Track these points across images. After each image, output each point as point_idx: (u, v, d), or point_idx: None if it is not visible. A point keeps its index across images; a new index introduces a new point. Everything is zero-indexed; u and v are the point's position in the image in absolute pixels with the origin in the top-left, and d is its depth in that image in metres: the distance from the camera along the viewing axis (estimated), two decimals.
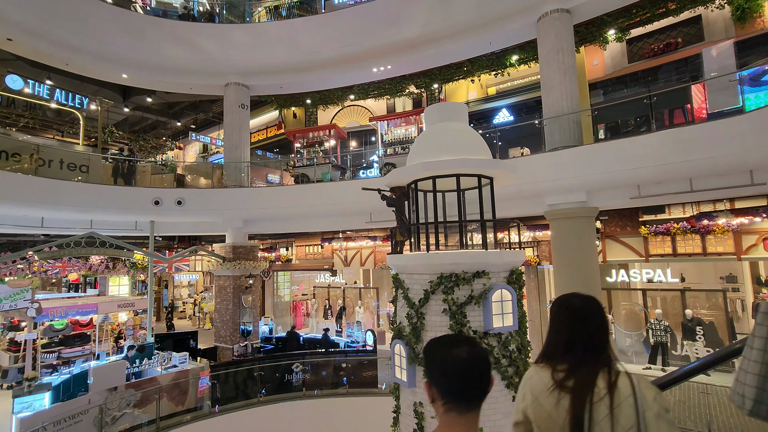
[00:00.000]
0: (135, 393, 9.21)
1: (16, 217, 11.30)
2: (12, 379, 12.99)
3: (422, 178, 6.21)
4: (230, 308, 13.32)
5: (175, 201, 12.95)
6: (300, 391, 11.20)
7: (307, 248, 18.48)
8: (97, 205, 12.02)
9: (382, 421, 11.18)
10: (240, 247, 13.68)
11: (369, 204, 12.28)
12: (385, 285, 19.78)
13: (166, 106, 18.59)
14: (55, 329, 14.20)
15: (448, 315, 5.56)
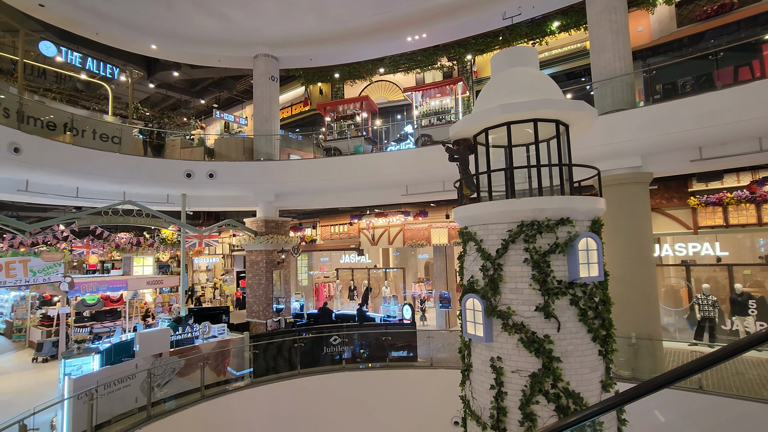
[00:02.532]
0: (179, 360, 9.08)
1: (52, 186, 11.15)
2: (47, 353, 12.98)
3: (494, 126, 5.89)
4: (263, 283, 13.15)
5: (206, 174, 12.76)
6: (339, 364, 11.03)
7: (333, 228, 18.26)
8: (130, 176, 11.85)
9: (421, 393, 11.02)
10: (272, 221, 13.48)
11: (405, 176, 12.03)
12: (410, 267, 19.58)
13: (189, 84, 18.35)
14: (87, 304, 14.16)
15: (530, 264, 5.28)
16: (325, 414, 10.67)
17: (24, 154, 9.94)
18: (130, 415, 8.19)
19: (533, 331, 5.21)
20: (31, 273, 12.78)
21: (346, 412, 10.82)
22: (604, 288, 5.55)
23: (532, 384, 5.17)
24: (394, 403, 10.82)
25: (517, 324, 5.30)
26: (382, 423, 10.88)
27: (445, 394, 10.70)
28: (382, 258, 20.00)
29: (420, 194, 12.18)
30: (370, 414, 10.87)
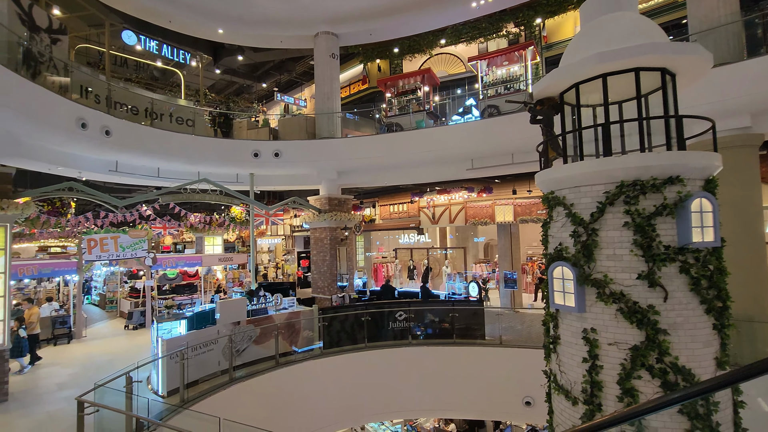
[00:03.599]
0: (254, 328, 9.50)
1: (137, 167, 12.00)
2: (136, 321, 14.18)
3: (587, 80, 5.36)
4: (327, 259, 13.41)
5: (272, 153, 13.11)
6: (405, 339, 11.03)
7: (392, 207, 18.21)
8: (203, 156, 12.45)
9: (490, 371, 10.75)
10: (335, 199, 13.64)
11: (470, 149, 11.58)
12: (470, 247, 19.09)
13: (251, 69, 18.95)
14: (168, 278, 15.30)
15: (631, 228, 4.78)
16: (391, 386, 10.76)
17: (114, 136, 10.71)
18: (213, 377, 8.73)
19: (635, 301, 4.75)
20: (121, 248, 13.99)
21: (413, 385, 10.84)
22: (720, 255, 4.93)
23: (633, 358, 4.74)
24: (461, 380, 10.67)
25: (616, 293, 4.86)
26: (449, 398, 10.79)
27: (516, 373, 10.39)
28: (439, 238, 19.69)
29: (486, 168, 11.70)
30: (436, 388, 10.81)
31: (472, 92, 13.13)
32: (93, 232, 13.44)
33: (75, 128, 9.61)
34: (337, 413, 10.42)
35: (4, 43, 8.46)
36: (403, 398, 10.91)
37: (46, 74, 9.93)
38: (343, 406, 10.52)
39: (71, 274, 13.56)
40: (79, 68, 10.82)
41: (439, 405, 11.11)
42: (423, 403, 11.07)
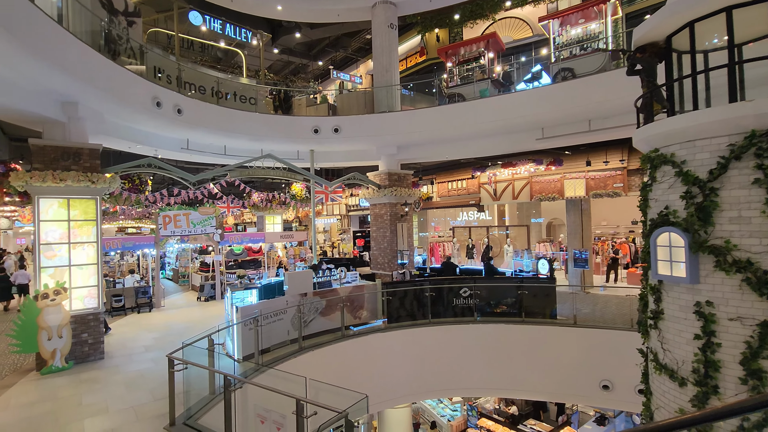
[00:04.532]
0: (320, 300, 9.61)
1: (205, 145, 12.46)
2: (207, 293, 14.98)
3: (705, 16, 4.60)
4: (387, 235, 13.29)
5: (332, 128, 13.07)
6: (470, 316, 10.71)
7: (451, 184, 17.70)
8: (265, 133, 12.67)
9: (562, 351, 10.18)
10: (394, 174, 13.42)
11: (541, 116, 10.79)
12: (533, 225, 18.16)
13: (307, 48, 19.02)
14: (234, 253, 15.99)
15: (764, 186, 4.09)
16: (455, 363, 10.53)
17: (184, 114, 11.12)
18: (282, 346, 8.96)
19: (765, 270, 4.09)
20: (192, 224, 14.74)
21: (477, 363, 10.54)
22: None
23: (761, 335, 4.11)
24: (529, 360, 10.21)
25: (741, 261, 4.22)
26: (516, 378, 10.38)
27: (592, 355, 9.75)
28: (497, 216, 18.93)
29: (558, 137, 10.88)
30: (502, 368, 10.44)
31: (540, 58, 12.17)
32: (167, 209, 14.26)
33: (151, 106, 10.05)
34: (400, 387, 10.39)
35: (88, 26, 8.92)
36: (467, 376, 10.65)
37: (123, 57, 10.45)
38: (405, 380, 10.47)
39: (149, 248, 14.53)
40: (152, 50, 11.30)
41: (504, 384, 10.73)
42: (487, 382, 10.75)
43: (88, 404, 6.41)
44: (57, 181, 8.06)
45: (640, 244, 16.49)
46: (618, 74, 9.41)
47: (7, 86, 7.08)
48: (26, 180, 7.84)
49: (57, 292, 8.03)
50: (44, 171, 7.99)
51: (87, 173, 8.41)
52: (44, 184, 7.99)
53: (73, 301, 8.40)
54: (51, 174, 8.01)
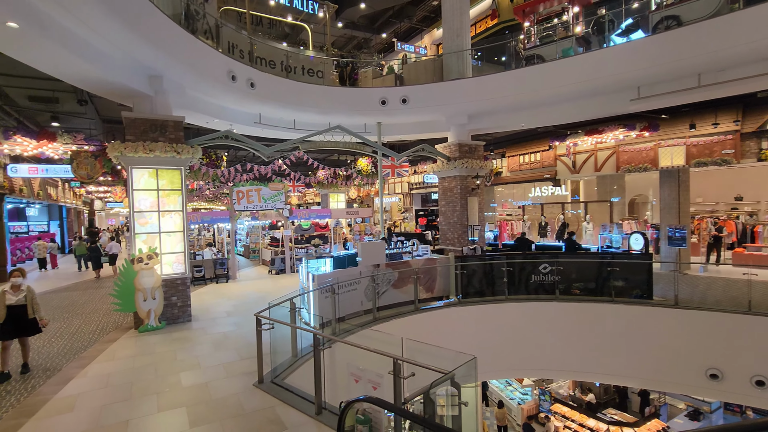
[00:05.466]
0: (393, 272, 9.40)
1: (276, 119, 12.62)
2: (277, 267, 15.45)
3: None
4: (457, 210, 12.76)
5: (399, 99, 12.64)
6: (550, 293, 9.98)
7: (523, 157, 16.63)
8: (333, 106, 12.55)
9: (660, 335, 9.14)
10: (465, 146, 12.77)
11: (638, 74, 9.57)
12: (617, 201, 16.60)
13: (370, 21, 18.65)
14: (303, 228, 16.32)
15: None
16: (534, 341, 9.92)
17: (257, 88, 11.25)
18: (356, 316, 8.90)
19: None
20: (263, 200, 15.17)
21: (557, 343, 9.84)
22: None
23: None
24: (620, 342, 9.34)
25: None
26: (603, 361, 9.57)
27: (697, 340, 8.67)
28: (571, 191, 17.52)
29: (659, 96, 9.61)
30: (587, 348, 9.66)
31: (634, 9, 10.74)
32: (240, 184, 14.79)
33: (226, 80, 10.25)
34: None
35: (169, 1, 9.18)
36: (546, 356, 10.00)
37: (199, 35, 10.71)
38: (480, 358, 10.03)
39: (225, 222, 15.22)
40: (226, 24, 11.51)
41: (589, 367, 9.95)
42: (569, 364, 10.02)
43: (182, 359, 6.72)
44: (147, 151, 8.47)
45: (747, 222, 14.46)
46: (741, 16, 8.02)
47: (106, 60, 7.46)
48: (121, 151, 8.31)
49: (150, 256, 8.52)
50: (135, 142, 8.43)
51: (172, 144, 8.77)
52: (136, 155, 8.43)
53: (163, 266, 8.90)
54: (141, 145, 8.43)
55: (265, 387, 5.55)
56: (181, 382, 5.82)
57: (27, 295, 6.33)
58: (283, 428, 4.52)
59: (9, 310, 6.13)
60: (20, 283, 6.34)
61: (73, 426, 4.70)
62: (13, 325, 6.17)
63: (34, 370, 6.51)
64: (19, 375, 6.22)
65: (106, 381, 5.94)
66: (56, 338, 8.22)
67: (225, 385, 5.71)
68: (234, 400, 5.23)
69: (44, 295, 12.97)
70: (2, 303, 6.13)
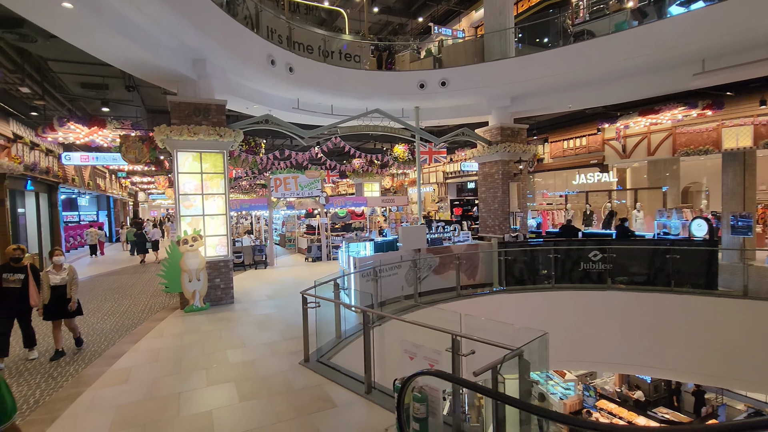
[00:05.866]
0: (434, 257, 9.14)
1: (314, 105, 12.56)
2: (314, 254, 15.51)
3: None
4: (498, 196, 12.30)
5: (438, 82, 12.29)
6: (601, 282, 9.44)
7: (566, 142, 15.87)
8: (370, 90, 12.36)
9: (725, 328, 8.47)
10: (507, 129, 12.27)
11: (703, 44, 8.78)
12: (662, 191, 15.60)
13: (406, 5, 18.26)
14: (339, 216, 16.30)
15: None
16: (583, 332, 9.42)
17: (296, 73, 11.21)
18: (397, 301, 8.72)
19: None
20: (300, 187, 15.21)
21: (611, 334, 9.30)
22: None
23: None
24: (680, 334, 8.71)
25: None
26: (659, 354, 8.96)
27: None
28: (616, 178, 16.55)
29: (727, 69, 8.80)
30: (642, 340, 9.08)
31: None
32: (278, 172, 14.90)
33: (266, 64, 10.24)
34: None
35: None
36: (594, 348, 9.48)
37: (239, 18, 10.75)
38: None
39: (263, 209, 15.40)
40: (266, 9, 11.51)
41: (642, 361, 9.36)
42: (620, 357, 9.47)
43: (227, 338, 6.77)
44: (191, 134, 8.58)
45: None
46: None
47: (154, 43, 7.56)
48: (167, 134, 8.46)
49: (194, 238, 8.66)
50: (180, 126, 8.56)
51: (215, 127, 8.85)
52: (181, 138, 8.56)
53: (206, 249, 9.03)
54: (186, 128, 8.55)
55: (311, 366, 5.46)
56: (228, 359, 5.83)
57: (68, 275, 6.25)
58: (333, 406, 4.40)
59: (53, 291, 6.09)
60: (62, 262, 6.26)
61: (128, 395, 4.77)
62: (58, 305, 6.13)
63: (90, 344, 6.73)
64: (75, 348, 6.47)
65: (156, 356, 6.05)
66: (109, 316, 8.53)
67: (271, 363, 5.67)
68: (281, 377, 5.17)
69: (96, 278, 13.59)
70: (47, 283, 6.09)
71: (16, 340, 6.25)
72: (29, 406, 4.64)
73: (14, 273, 5.83)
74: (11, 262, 5.89)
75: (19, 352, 6.33)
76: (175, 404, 4.53)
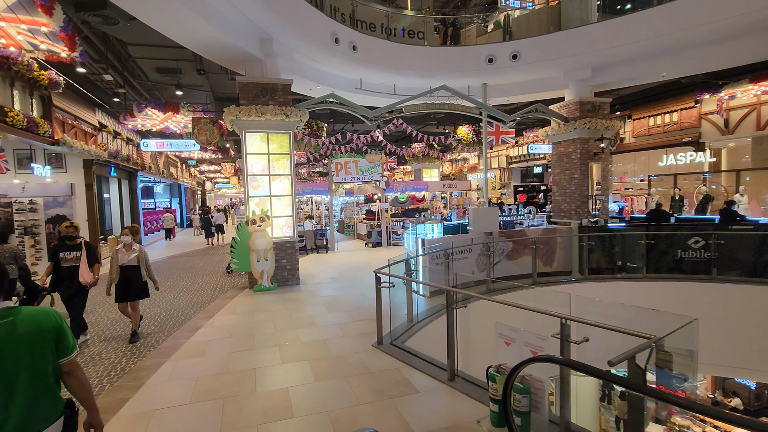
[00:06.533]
0: (507, 241, 8.49)
1: (376, 84, 12.22)
2: (374, 240, 15.30)
3: None
4: (576, 177, 11.26)
5: (509, 55, 11.43)
6: (704, 273, 8.27)
7: (653, 119, 14.23)
8: (434, 67, 11.79)
9: None
10: (587, 103, 11.14)
11: None
12: None
13: None
14: (399, 201, 15.95)
15: None
16: None
17: (359, 51, 10.91)
18: (466, 287, 8.20)
19: None
20: (360, 171, 15.02)
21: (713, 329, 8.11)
22: None
23: None
24: None
25: None
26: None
27: None
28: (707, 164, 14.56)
29: None
30: (752, 339, 7.83)
31: None
32: (339, 156, 14.81)
33: (330, 43, 10.03)
34: None
35: None
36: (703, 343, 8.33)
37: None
38: None
39: (324, 194, 15.43)
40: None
41: (746, 363, 8.11)
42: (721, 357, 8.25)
43: (297, 317, 6.67)
44: (258, 115, 8.57)
45: None
46: None
47: (224, 21, 7.58)
48: (236, 114, 8.51)
49: (262, 218, 8.69)
50: (248, 106, 8.57)
51: (282, 107, 8.78)
52: (249, 118, 8.57)
53: (273, 230, 9.06)
54: (254, 108, 8.55)
55: (385, 348, 5.15)
56: (299, 338, 5.69)
57: (139, 256, 5.87)
58: (414, 391, 4.04)
59: (122, 271, 5.75)
60: (130, 241, 5.86)
61: (206, 368, 4.75)
62: (126, 286, 5.78)
63: (169, 318, 6.94)
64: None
65: (230, 331, 6.06)
66: (184, 293, 8.84)
67: (343, 343, 5.44)
68: (355, 358, 4.91)
69: (171, 259, 14.38)
70: (116, 262, 5.74)
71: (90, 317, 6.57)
72: (116, 373, 4.76)
73: (70, 251, 5.64)
74: (66, 240, 5.67)
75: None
76: (251, 379, 4.42)
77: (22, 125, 8.57)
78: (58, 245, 5.67)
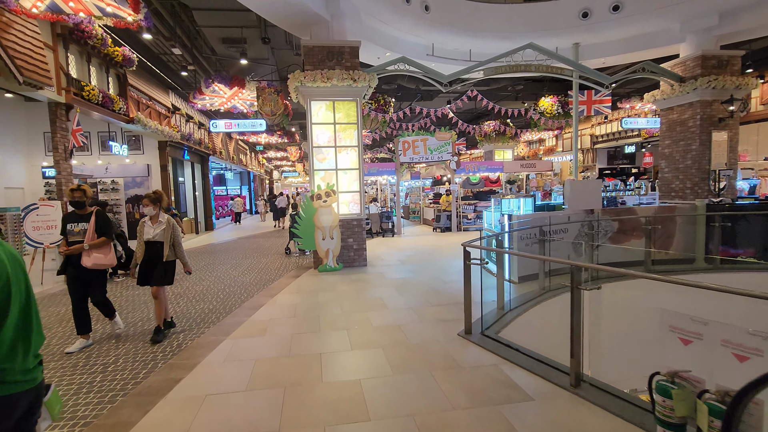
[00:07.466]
0: (613, 219, 7.05)
1: (448, 50, 11.09)
2: (443, 224, 14.25)
3: None
4: (693, 149, 9.33)
5: (609, 7, 9.76)
6: None
7: None
8: (515, 27, 10.44)
9: None
10: (710, 58, 9.14)
11: None
12: None
13: None
14: (471, 182, 14.71)
15: None
16: None
17: (431, 12, 9.88)
18: (561, 273, 6.92)
19: None
20: (429, 151, 13.99)
21: None
22: None
23: None
24: None
25: None
26: None
27: None
28: None
29: None
30: None
31: None
32: (406, 134, 13.89)
33: (400, 2, 9.12)
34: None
35: None
36: None
37: None
38: None
39: (390, 174, 14.63)
40: None
41: None
42: None
43: (366, 299, 5.91)
44: (324, 80, 7.90)
45: None
46: None
47: None
48: (301, 80, 7.90)
49: (328, 194, 8.06)
50: (314, 71, 7.93)
51: (348, 71, 8.02)
52: (314, 84, 7.93)
53: (339, 206, 8.40)
54: (320, 73, 7.89)
55: (476, 339, 4.18)
56: (370, 322, 4.90)
57: (165, 230, 4.57)
58: (527, 398, 3.04)
59: (147, 247, 4.56)
60: (154, 212, 4.58)
61: (267, 349, 4.11)
62: (149, 266, 4.59)
63: (231, 295, 6.53)
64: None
65: (293, 311, 5.44)
66: (248, 272, 8.51)
67: (421, 330, 4.55)
68: (438, 348, 4.00)
69: (239, 240, 14.47)
70: (141, 237, 4.57)
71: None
72: (172, 349, 4.28)
73: (78, 222, 4.46)
74: (75, 208, 4.52)
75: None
76: (316, 366, 3.68)
77: (98, 100, 8.66)
78: (67, 215, 4.55)
